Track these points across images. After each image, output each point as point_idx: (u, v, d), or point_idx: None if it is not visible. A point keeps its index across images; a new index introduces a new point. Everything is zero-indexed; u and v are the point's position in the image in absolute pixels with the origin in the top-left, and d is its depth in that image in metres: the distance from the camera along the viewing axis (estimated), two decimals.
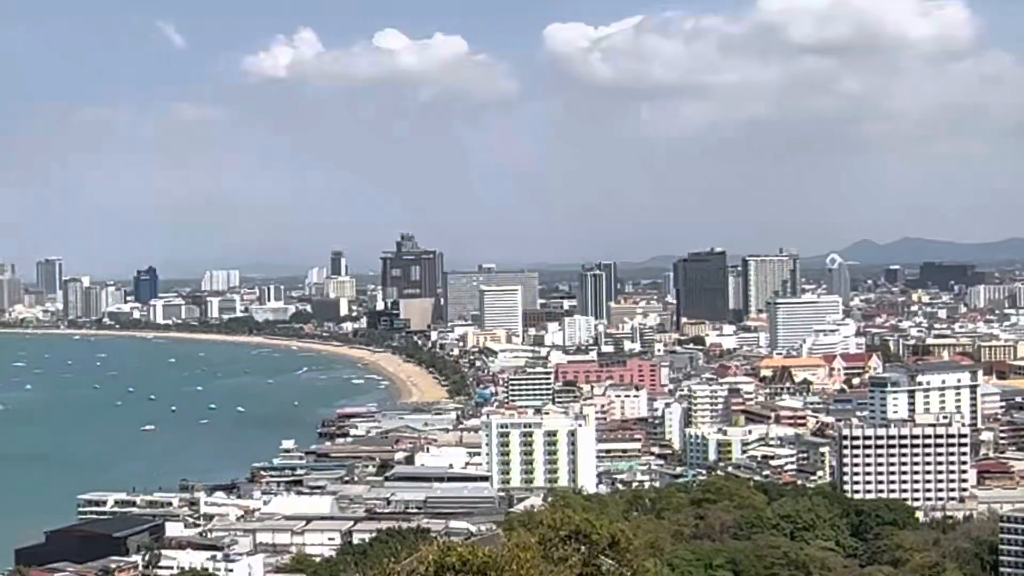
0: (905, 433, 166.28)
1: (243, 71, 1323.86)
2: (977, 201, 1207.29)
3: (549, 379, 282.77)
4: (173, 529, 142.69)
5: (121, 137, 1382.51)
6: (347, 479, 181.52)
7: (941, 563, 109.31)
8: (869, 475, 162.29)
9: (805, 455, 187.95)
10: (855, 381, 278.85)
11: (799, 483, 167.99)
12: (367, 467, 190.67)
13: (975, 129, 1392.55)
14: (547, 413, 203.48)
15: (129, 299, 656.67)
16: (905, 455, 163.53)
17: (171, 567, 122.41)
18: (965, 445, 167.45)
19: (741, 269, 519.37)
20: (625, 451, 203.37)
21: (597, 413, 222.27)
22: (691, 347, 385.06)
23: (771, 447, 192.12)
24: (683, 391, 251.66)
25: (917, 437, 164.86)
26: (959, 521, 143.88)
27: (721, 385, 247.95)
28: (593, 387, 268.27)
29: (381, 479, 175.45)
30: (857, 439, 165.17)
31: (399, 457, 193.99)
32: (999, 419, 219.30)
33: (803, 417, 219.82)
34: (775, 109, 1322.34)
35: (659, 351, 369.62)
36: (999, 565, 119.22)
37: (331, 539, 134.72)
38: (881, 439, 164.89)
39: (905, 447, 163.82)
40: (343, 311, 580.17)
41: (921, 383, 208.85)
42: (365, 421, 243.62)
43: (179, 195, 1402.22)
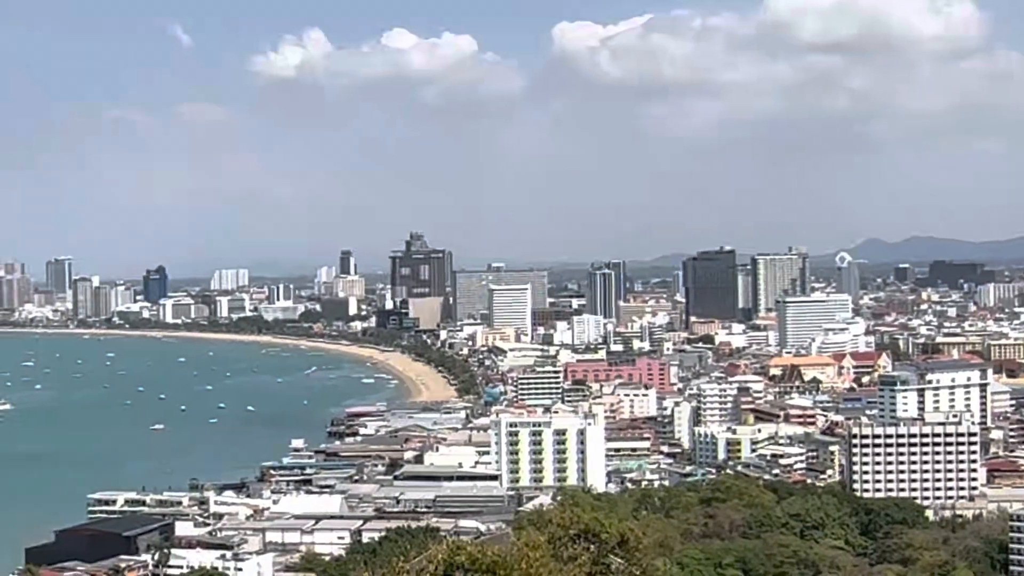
0: (915, 432, 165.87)
1: (252, 71, 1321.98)
2: (987, 199, 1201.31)
3: (558, 378, 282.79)
4: (183, 528, 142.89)
5: (129, 137, 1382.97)
6: (356, 478, 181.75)
7: (951, 562, 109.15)
8: (879, 474, 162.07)
9: (814, 454, 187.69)
10: (864, 380, 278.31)
11: (808, 482, 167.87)
12: (376, 466, 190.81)
13: (984, 127, 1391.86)
14: (556, 412, 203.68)
15: (139, 299, 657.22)
16: (915, 454, 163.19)
17: (180, 566, 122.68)
18: (975, 444, 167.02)
19: (750, 268, 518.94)
20: (634, 450, 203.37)
21: (606, 412, 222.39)
22: (700, 346, 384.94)
23: (780, 446, 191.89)
24: (692, 390, 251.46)
25: (927, 436, 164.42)
26: (969, 520, 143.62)
27: (730, 384, 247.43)
28: (602, 386, 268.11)
29: (390, 478, 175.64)
30: (867, 438, 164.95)
31: (408, 456, 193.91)
32: (1009, 417, 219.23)
33: (812, 416, 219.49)
34: (783, 108, 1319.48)
35: (668, 350, 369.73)
36: (1009, 564, 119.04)
37: (340, 538, 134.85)
38: (891, 438, 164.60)
39: (915, 446, 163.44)
40: (352, 310, 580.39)
41: (931, 382, 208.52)
42: (374, 420, 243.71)
43: (188, 195, 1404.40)
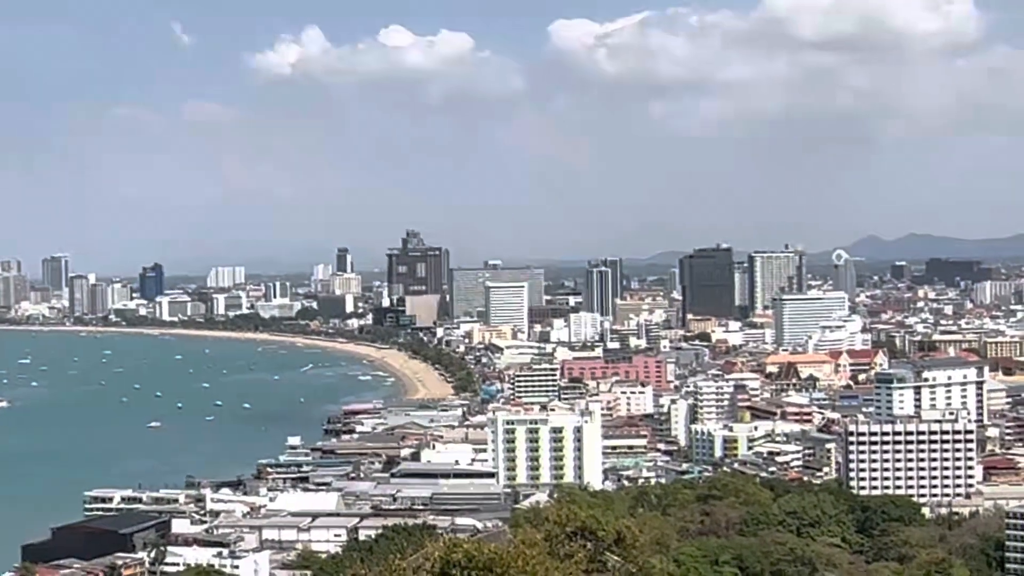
0: (911, 429, 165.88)
1: (250, 69, 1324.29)
2: (984, 197, 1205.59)
3: (555, 375, 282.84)
4: (179, 526, 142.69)
5: (127, 135, 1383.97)
6: (353, 475, 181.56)
7: (947, 559, 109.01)
8: (875, 471, 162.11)
9: (811, 451, 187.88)
10: (861, 377, 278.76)
11: (805, 479, 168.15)
12: (373, 463, 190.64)
13: (982, 125, 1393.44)
14: (553, 409, 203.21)
15: (135, 296, 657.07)
16: (911, 451, 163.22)
17: (177, 564, 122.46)
18: (971, 441, 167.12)
19: (747, 265, 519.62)
20: (631, 447, 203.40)
21: (603, 409, 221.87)
22: (697, 343, 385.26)
23: (777, 443, 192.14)
24: (689, 387, 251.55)
25: (923, 433, 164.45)
26: (965, 517, 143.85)
27: (727, 381, 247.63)
28: (599, 383, 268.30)
29: (387, 475, 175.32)
30: (863, 435, 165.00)
31: (405, 453, 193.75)
32: (1005, 415, 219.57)
33: (809, 413, 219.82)
34: (781, 105, 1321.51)
35: (665, 347, 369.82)
36: (1005, 561, 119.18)
37: (337, 535, 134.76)
38: (887, 435, 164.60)
39: (911, 443, 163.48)
40: (349, 308, 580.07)
41: (927, 379, 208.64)
42: (371, 417, 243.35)
43: (184, 192, 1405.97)
